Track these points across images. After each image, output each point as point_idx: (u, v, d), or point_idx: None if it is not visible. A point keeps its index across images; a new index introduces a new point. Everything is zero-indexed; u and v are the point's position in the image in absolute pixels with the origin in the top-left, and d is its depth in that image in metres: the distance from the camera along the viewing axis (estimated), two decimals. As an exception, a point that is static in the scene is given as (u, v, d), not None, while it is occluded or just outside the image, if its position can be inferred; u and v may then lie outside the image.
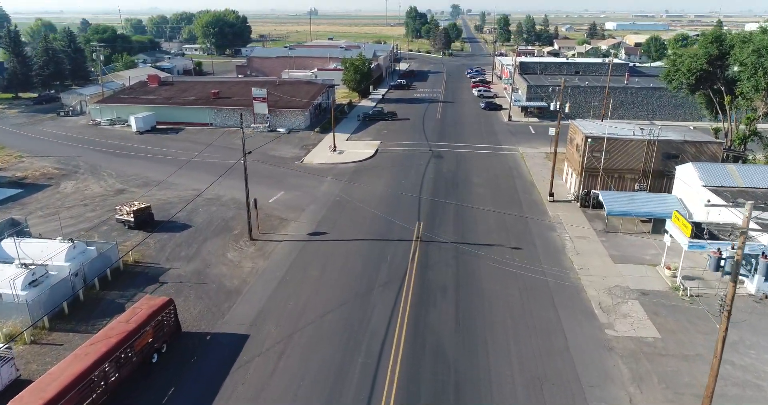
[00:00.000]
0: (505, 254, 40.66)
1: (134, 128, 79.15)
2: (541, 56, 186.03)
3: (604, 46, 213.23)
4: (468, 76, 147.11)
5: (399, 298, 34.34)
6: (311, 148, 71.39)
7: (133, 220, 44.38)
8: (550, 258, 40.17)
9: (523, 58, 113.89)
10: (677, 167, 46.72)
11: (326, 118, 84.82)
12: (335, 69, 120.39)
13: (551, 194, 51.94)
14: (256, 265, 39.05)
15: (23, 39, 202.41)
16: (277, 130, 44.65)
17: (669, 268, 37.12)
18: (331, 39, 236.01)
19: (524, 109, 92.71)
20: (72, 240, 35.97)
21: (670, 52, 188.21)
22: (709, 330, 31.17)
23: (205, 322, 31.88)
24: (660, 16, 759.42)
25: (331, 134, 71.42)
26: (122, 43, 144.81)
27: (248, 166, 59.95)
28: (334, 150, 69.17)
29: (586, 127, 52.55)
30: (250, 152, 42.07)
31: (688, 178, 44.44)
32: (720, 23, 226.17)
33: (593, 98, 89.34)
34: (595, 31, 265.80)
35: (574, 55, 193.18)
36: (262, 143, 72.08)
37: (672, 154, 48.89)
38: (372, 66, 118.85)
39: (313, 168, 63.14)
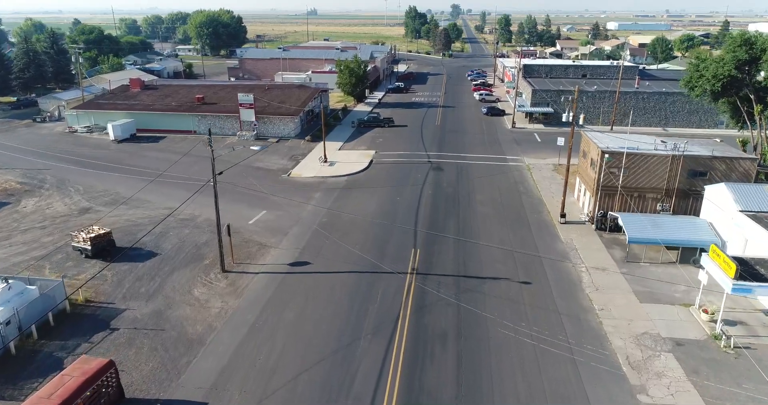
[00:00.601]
0: (513, 291, 35.35)
1: (112, 136, 73.86)
2: (544, 57, 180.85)
3: (607, 47, 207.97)
4: (469, 78, 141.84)
5: (389, 350, 29.01)
6: (300, 159, 66.08)
7: (90, 248, 39.08)
8: (566, 295, 34.87)
9: (526, 60, 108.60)
10: (707, 187, 41.42)
11: (319, 125, 79.49)
12: (330, 71, 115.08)
13: (563, 215, 46.61)
14: (225, 305, 33.73)
15: (13, 40, 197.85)
16: (252, 148, 39.31)
17: (706, 312, 31.78)
18: (327, 40, 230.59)
19: (529, 114, 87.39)
20: (6, 279, 30.68)
21: (682, 54, 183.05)
22: (762, 393, 25.89)
23: (157, 385, 26.54)
24: (661, 16, 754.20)
25: (322, 143, 66.11)
26: (109, 44, 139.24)
27: (229, 180, 55.13)
28: (325, 161, 63.87)
29: (601, 140, 47.25)
30: (221, 173, 36.70)
31: (720, 200, 39.13)
32: (727, 24, 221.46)
33: (602, 104, 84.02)
34: (598, 32, 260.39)
35: (577, 57, 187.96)
36: (248, 153, 66.78)
37: (699, 172, 43.57)
38: (368, 68, 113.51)
39: (300, 182, 57.81)
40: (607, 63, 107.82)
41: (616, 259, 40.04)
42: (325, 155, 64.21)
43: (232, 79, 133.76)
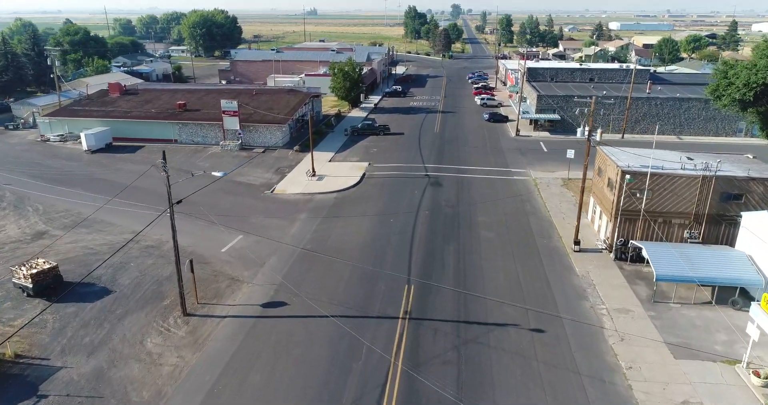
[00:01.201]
0: (523, 342, 29.96)
1: (85, 146, 68.42)
2: (546, 58, 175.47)
3: (611, 47, 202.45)
4: (469, 81, 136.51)
5: (374, 430, 23.66)
6: (287, 172, 60.70)
7: (31, 286, 33.72)
8: (586, 348, 29.46)
9: (531, 63, 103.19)
10: (744, 214, 36.01)
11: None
12: (324, 74, 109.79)
13: (577, 242, 41.19)
14: (181, 361, 28.32)
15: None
16: (214, 174, 33.65)
17: (758, 374, 26.38)
18: (323, 41, 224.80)
19: (534, 121, 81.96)
20: None
21: (688, 55, 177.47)
22: None
23: (79, 481, 21.20)
24: (662, 16, 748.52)
25: (314, 154, 60.67)
26: (95, 46, 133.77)
27: (206, 198, 49.81)
28: (313, 175, 58.49)
29: (619, 157, 41.85)
30: (179, 202, 31.32)
31: (762, 230, 33.72)
32: (735, 24, 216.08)
33: (612, 110, 78.52)
34: (601, 32, 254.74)
35: (581, 58, 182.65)
36: (231, 166, 61.53)
37: (734, 195, 38.19)
38: (364, 71, 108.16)
39: (284, 200, 52.43)
40: (616, 66, 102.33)
41: (641, 298, 34.63)
42: (313, 168, 58.84)
43: (223, 81, 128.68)
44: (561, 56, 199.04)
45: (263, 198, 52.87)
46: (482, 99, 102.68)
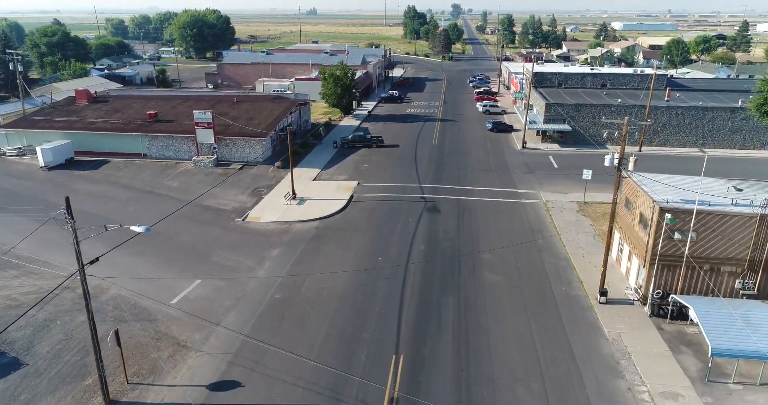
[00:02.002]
0: (545, 447, 22.76)
1: (41, 162, 61.13)
2: (550, 60, 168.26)
3: (617, 48, 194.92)
4: (471, 84, 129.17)
5: None
6: (264, 194, 53.47)
7: None
8: (629, 459, 22.25)
9: (538, 68, 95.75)
10: (817, 266, 28.83)
11: (294, 146, 66.85)
12: (316, 78, 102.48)
13: (603, 293, 33.93)
14: None
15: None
16: (132, 229, 25.96)
17: None
18: (317, 42, 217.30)
19: (542, 131, 74.71)
20: None
21: (698, 56, 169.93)
22: None
23: None
24: (663, 16, 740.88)
25: (297, 171, 53.58)
26: (75, 47, 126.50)
27: (165, 227, 42.64)
28: (293, 198, 51.30)
29: (654, 189, 34.58)
30: (96, 259, 24.09)
31: None
32: (746, 24, 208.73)
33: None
34: (606, 32, 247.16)
35: (587, 60, 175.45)
36: (202, 186, 54.42)
37: (799, 238, 31.01)
38: (358, 75, 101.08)
39: (257, 230, 45.15)
40: (630, 71, 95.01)
41: (690, 374, 27.36)
42: (293, 190, 51.63)
43: (209, 86, 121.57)
44: (565, 58, 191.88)
45: (232, 228, 45.59)
46: (484, 106, 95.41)
